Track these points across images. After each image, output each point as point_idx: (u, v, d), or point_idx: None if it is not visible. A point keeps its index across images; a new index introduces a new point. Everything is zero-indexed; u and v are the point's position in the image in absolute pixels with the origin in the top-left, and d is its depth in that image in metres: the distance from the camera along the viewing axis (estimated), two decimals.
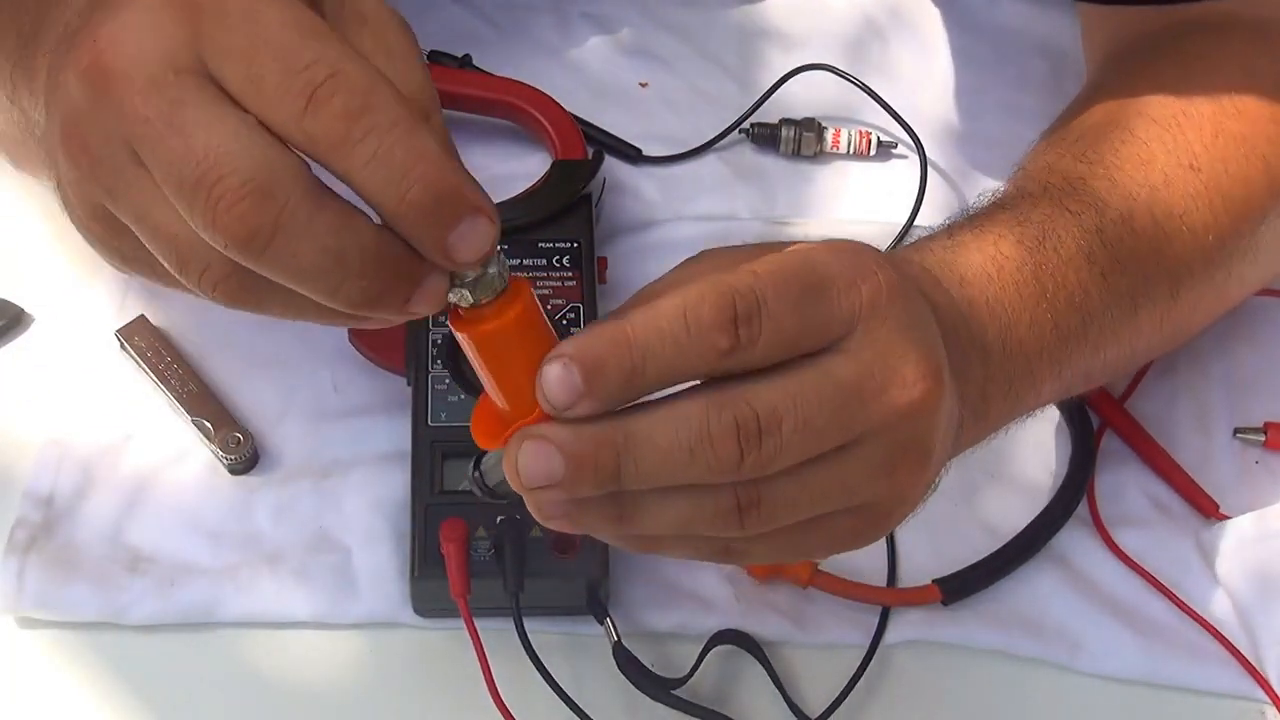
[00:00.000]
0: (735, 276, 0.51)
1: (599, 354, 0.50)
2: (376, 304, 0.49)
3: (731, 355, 0.50)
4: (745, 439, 0.50)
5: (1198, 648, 0.76)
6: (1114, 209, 0.71)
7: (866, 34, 0.98)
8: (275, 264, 0.48)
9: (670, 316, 0.50)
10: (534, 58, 0.95)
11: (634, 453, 0.51)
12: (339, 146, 0.47)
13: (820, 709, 0.72)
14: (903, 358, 0.53)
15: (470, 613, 0.69)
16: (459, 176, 0.48)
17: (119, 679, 0.72)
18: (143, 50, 0.48)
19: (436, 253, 0.48)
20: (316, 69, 0.47)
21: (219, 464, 0.77)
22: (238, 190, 0.47)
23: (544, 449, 0.50)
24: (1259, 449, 0.82)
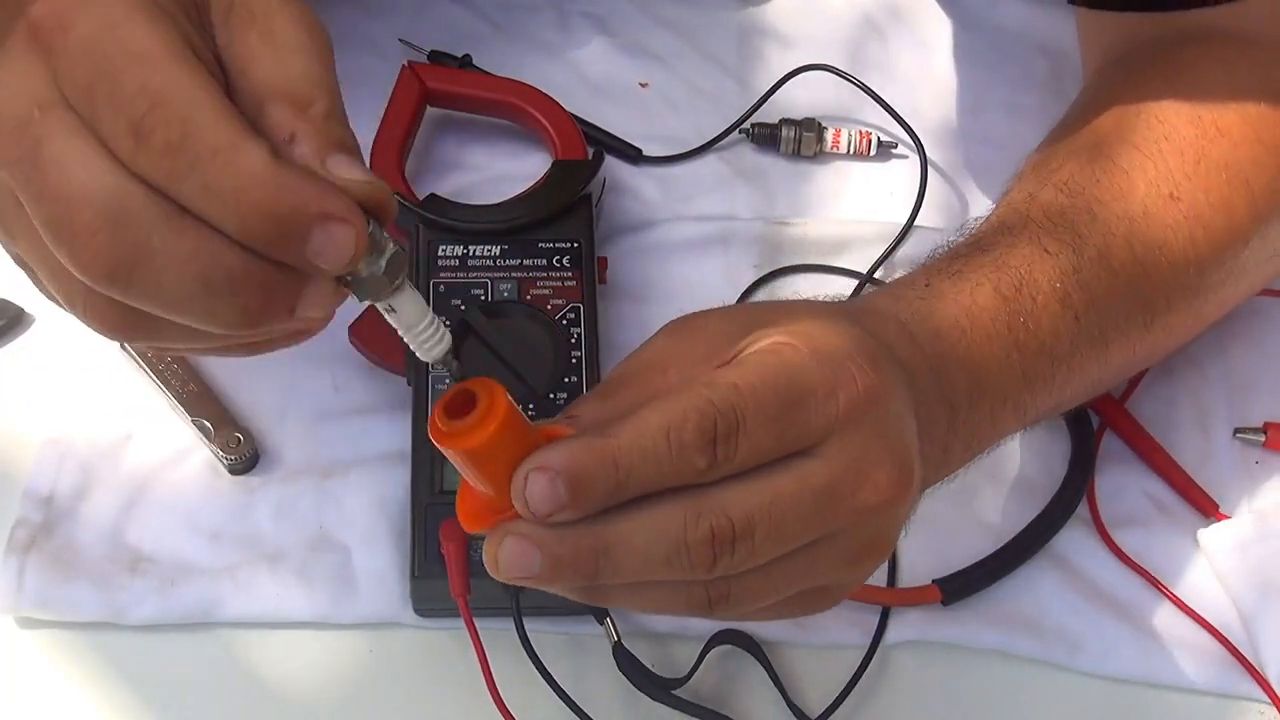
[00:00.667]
0: (718, 394, 0.52)
1: (585, 470, 0.51)
2: (259, 319, 0.48)
3: (708, 472, 0.52)
4: (719, 546, 0.52)
5: (1198, 648, 0.76)
6: (1092, 246, 0.71)
7: (866, 34, 0.98)
8: (142, 295, 0.47)
9: (654, 436, 0.52)
10: (534, 58, 0.95)
11: (612, 557, 0.53)
12: (170, 181, 0.46)
13: (820, 709, 0.72)
14: (876, 463, 0.55)
15: (470, 613, 0.69)
16: (297, 189, 0.47)
17: (119, 679, 0.72)
18: (10, 92, 0.48)
19: (303, 266, 0.48)
20: (138, 101, 0.46)
21: (219, 464, 0.77)
22: (91, 225, 0.46)
23: (525, 547, 0.52)
24: (1259, 449, 0.82)
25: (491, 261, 0.80)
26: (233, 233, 0.47)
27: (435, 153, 0.90)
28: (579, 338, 0.77)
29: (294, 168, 0.47)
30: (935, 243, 0.80)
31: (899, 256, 0.88)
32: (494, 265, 0.80)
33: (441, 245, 0.80)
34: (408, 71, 0.89)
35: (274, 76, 0.49)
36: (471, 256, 0.80)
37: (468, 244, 0.80)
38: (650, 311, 0.85)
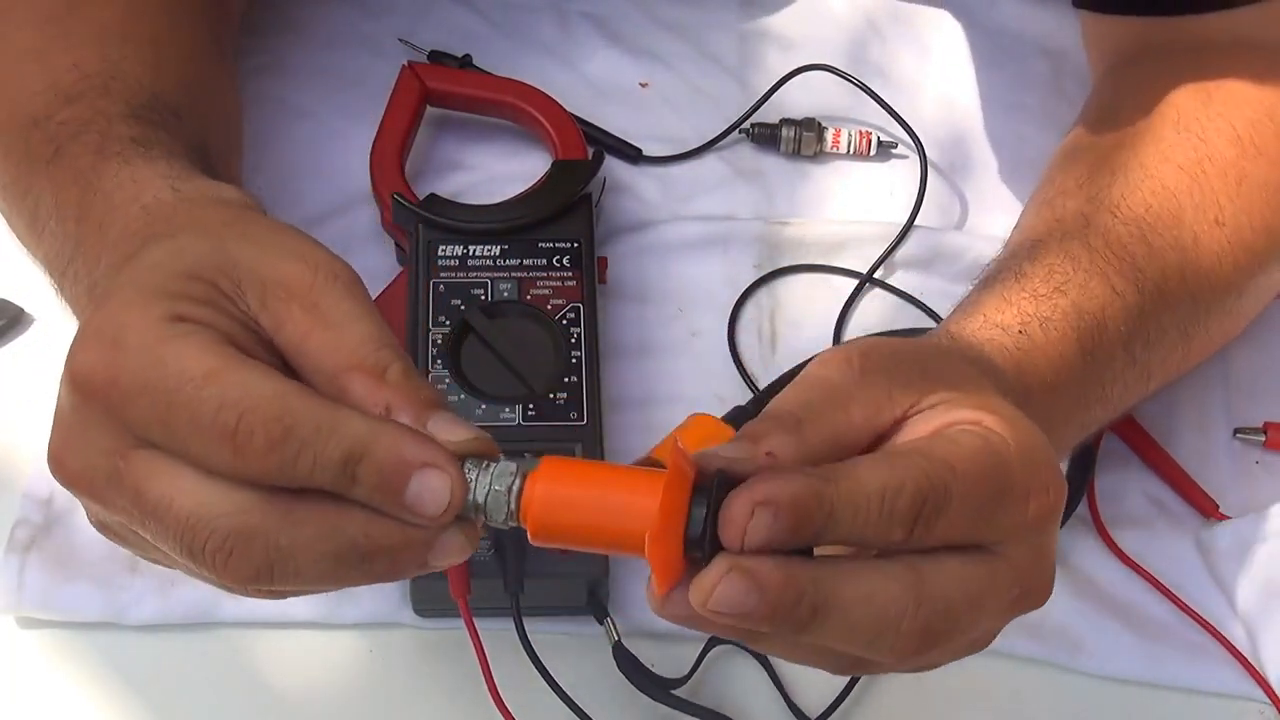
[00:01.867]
0: (934, 471, 0.50)
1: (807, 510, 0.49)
2: (394, 575, 0.51)
3: (900, 544, 0.51)
4: (925, 641, 0.51)
5: (1198, 648, 0.76)
6: (1150, 281, 0.71)
7: (867, 34, 0.98)
8: (286, 586, 0.50)
9: (870, 496, 0.50)
10: (534, 58, 0.95)
11: (826, 617, 0.50)
12: (281, 471, 0.48)
13: (820, 709, 0.72)
14: (1043, 578, 0.55)
15: (470, 613, 0.69)
16: (394, 440, 0.49)
17: (119, 679, 0.72)
18: (88, 450, 0.50)
19: (404, 514, 0.49)
20: (224, 415, 0.48)
21: None
22: (222, 546, 0.49)
23: (747, 585, 0.49)
24: (1259, 449, 0.82)
25: (491, 261, 0.80)
26: (349, 491, 0.49)
27: (435, 153, 0.90)
28: (579, 338, 0.77)
29: (392, 424, 0.49)
30: (936, 244, 0.80)
31: (899, 256, 0.88)
32: (494, 265, 0.79)
33: (441, 245, 0.80)
34: (408, 71, 0.89)
35: (337, 350, 0.51)
36: (471, 256, 0.80)
37: (468, 244, 0.80)
38: (650, 311, 0.85)
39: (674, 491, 0.49)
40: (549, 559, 0.70)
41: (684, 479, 0.50)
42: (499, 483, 0.50)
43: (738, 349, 0.84)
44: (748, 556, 0.49)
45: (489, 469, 0.50)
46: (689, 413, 0.77)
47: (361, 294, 0.53)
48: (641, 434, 0.77)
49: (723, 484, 0.49)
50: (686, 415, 0.77)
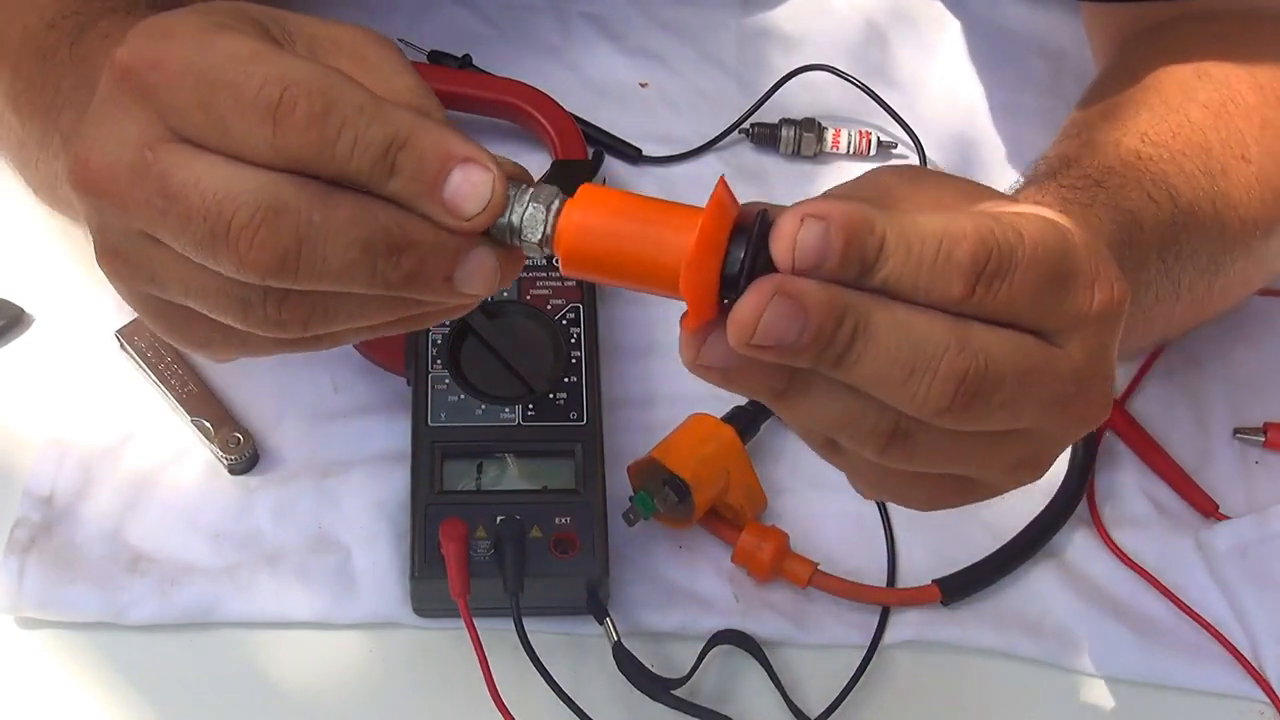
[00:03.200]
0: (1000, 229, 0.48)
1: (858, 230, 0.46)
2: (418, 278, 0.49)
3: (958, 303, 0.48)
4: (966, 388, 0.48)
5: (1198, 648, 0.76)
6: (1184, 198, 0.70)
7: (866, 34, 0.98)
8: (312, 273, 0.48)
9: (926, 239, 0.47)
10: (534, 58, 0.95)
11: (865, 344, 0.47)
12: (320, 151, 0.47)
13: (820, 709, 0.72)
14: (1103, 377, 0.52)
15: (470, 613, 0.69)
16: (439, 133, 0.48)
17: (119, 679, 0.72)
18: (116, 144, 0.50)
19: (442, 213, 0.48)
20: (269, 89, 0.47)
21: (219, 464, 0.77)
22: (249, 223, 0.47)
23: (794, 309, 0.46)
24: (1259, 449, 0.82)
25: None
26: (381, 181, 0.48)
27: None
28: (579, 338, 0.77)
29: (435, 121, 0.49)
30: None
31: None
32: None
33: None
34: None
35: (384, 94, 0.50)
36: None
37: None
38: (650, 312, 0.85)
39: (713, 222, 0.47)
40: (549, 559, 0.71)
41: (725, 213, 0.47)
42: (538, 200, 0.49)
43: None
44: (792, 278, 0.46)
45: (526, 190, 0.49)
46: (689, 413, 0.77)
47: (404, 57, 0.53)
48: (641, 434, 0.77)
49: (764, 225, 0.47)
50: (687, 415, 0.77)
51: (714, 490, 0.75)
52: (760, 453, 0.79)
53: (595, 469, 0.74)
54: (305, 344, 0.52)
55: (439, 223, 0.49)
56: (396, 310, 0.51)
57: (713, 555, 0.76)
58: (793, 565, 0.75)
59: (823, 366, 0.48)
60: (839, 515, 0.79)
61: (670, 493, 0.73)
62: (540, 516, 0.72)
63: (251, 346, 0.53)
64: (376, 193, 0.48)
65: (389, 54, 0.52)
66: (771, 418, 0.81)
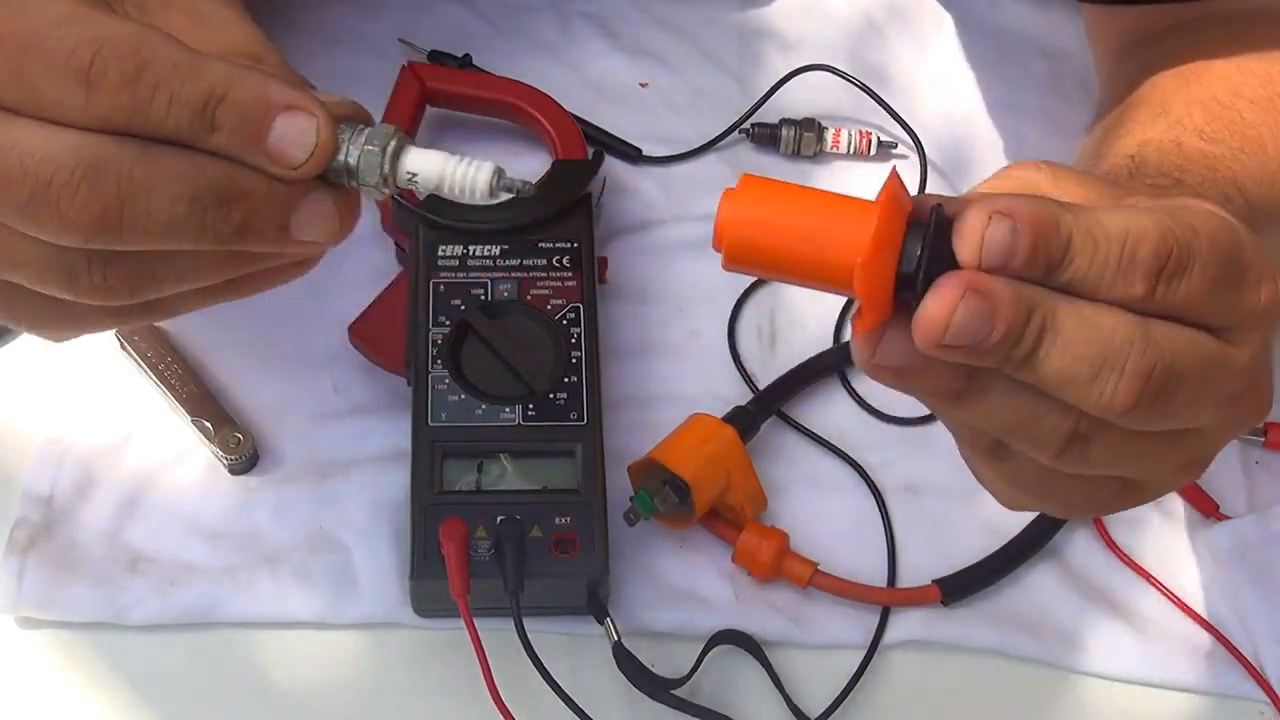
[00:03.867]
0: (1179, 228, 0.47)
1: (1045, 228, 0.46)
2: (250, 230, 0.48)
3: (1139, 302, 0.47)
4: (1150, 386, 0.47)
5: (1198, 648, 0.76)
6: (1252, 195, 0.69)
7: (867, 34, 0.98)
8: (137, 230, 0.47)
9: (1110, 237, 0.46)
10: (534, 58, 0.95)
11: (1053, 342, 0.46)
12: (136, 112, 0.46)
13: (820, 709, 0.72)
14: (1268, 375, 0.51)
15: (470, 613, 0.69)
16: (258, 83, 0.47)
17: (119, 679, 0.72)
18: None
19: (268, 163, 0.48)
20: (80, 52, 0.46)
21: (219, 464, 0.77)
22: (69, 182, 0.46)
23: (984, 310, 0.45)
24: (1259, 449, 0.82)
25: (491, 261, 0.80)
26: (202, 137, 0.47)
27: None
28: (579, 338, 0.77)
29: (256, 70, 0.48)
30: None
31: None
32: (494, 265, 0.79)
33: (441, 245, 0.80)
34: (408, 71, 0.89)
35: (214, 46, 0.49)
36: (471, 256, 0.80)
37: (468, 244, 0.80)
38: (650, 311, 0.85)
39: (889, 218, 0.45)
40: (549, 559, 0.71)
41: (900, 208, 0.45)
42: (373, 142, 0.48)
43: (738, 349, 0.84)
44: (983, 275, 0.45)
45: (362, 131, 0.48)
46: (689, 413, 0.77)
47: (241, 7, 0.52)
48: (641, 434, 0.77)
49: (940, 220, 0.46)
50: (687, 415, 0.77)
51: (714, 490, 0.75)
52: (760, 453, 0.79)
53: (595, 469, 0.74)
54: (137, 313, 0.51)
55: (267, 173, 0.48)
56: (229, 268, 0.50)
57: (713, 555, 0.76)
58: (793, 565, 0.75)
59: (1009, 366, 0.46)
60: (839, 515, 0.79)
61: (670, 493, 0.73)
62: (540, 516, 0.72)
63: (85, 320, 0.52)
64: (200, 149, 0.47)
65: (221, 6, 0.51)
66: (771, 417, 0.81)
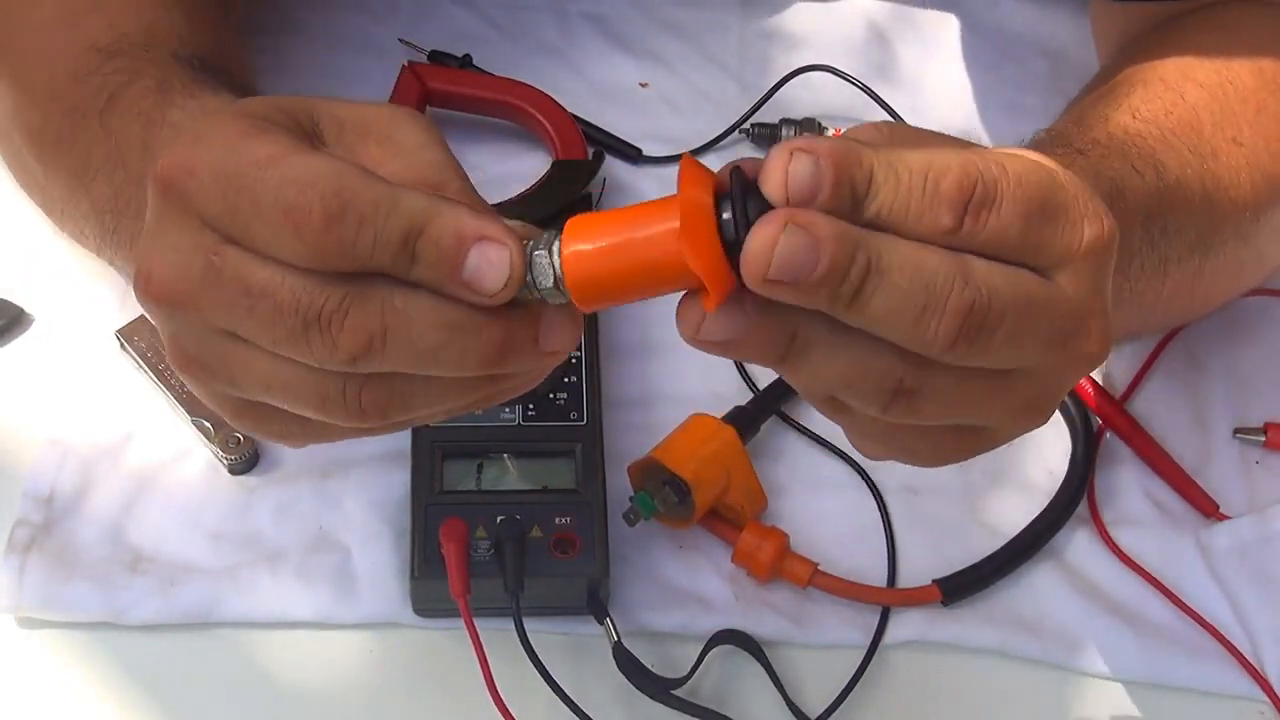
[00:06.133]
0: (983, 163, 0.48)
1: (846, 163, 0.47)
2: (507, 351, 0.50)
3: (948, 236, 0.48)
4: (971, 322, 0.48)
5: (1198, 648, 0.76)
6: (1171, 174, 0.70)
7: (867, 35, 0.98)
8: (399, 352, 0.49)
9: (913, 171, 0.47)
10: (534, 58, 0.95)
11: (878, 282, 0.47)
12: (342, 254, 0.48)
13: (820, 709, 0.72)
14: (1097, 313, 0.51)
15: (470, 613, 0.69)
16: (453, 215, 0.49)
17: (119, 679, 0.72)
18: (179, 252, 0.50)
19: (466, 294, 0.49)
20: (284, 191, 0.48)
21: (219, 464, 0.77)
22: (340, 308, 0.49)
23: (807, 243, 0.46)
24: (1259, 449, 0.82)
25: None
26: (409, 271, 0.48)
27: None
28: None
29: (449, 201, 0.49)
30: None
31: None
32: None
33: None
34: (408, 71, 0.89)
35: (404, 175, 0.51)
36: None
37: None
38: (650, 311, 0.85)
39: (690, 188, 0.46)
40: (549, 559, 0.71)
41: (698, 177, 0.47)
42: (539, 248, 0.49)
43: None
44: (800, 210, 0.46)
45: (529, 243, 0.50)
46: (689, 413, 0.77)
47: (436, 131, 0.53)
48: (641, 434, 0.77)
49: (743, 181, 0.47)
50: (687, 415, 0.77)
51: (714, 490, 0.75)
52: (760, 453, 0.79)
53: (595, 469, 0.74)
54: (381, 430, 0.53)
55: (466, 301, 0.49)
56: (475, 390, 0.52)
57: (713, 555, 0.76)
58: (793, 565, 0.75)
59: (838, 306, 0.47)
60: (839, 515, 0.79)
61: (670, 493, 0.73)
62: (540, 516, 0.72)
63: (331, 434, 0.54)
64: (404, 280, 0.49)
65: (416, 130, 0.53)
66: (771, 417, 0.81)
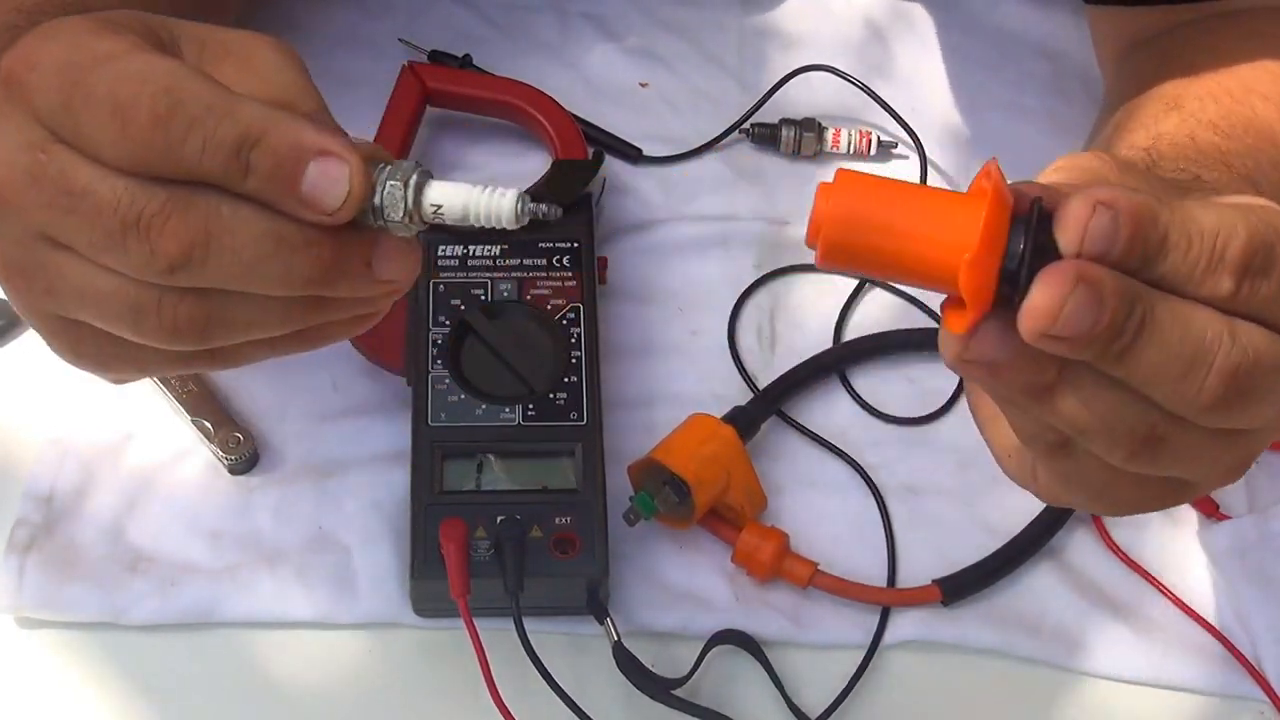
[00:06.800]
0: (1266, 228, 0.47)
1: (1144, 221, 0.45)
2: (335, 273, 0.48)
3: (1226, 300, 0.46)
4: (1236, 382, 0.46)
5: (1198, 648, 0.76)
6: (1266, 192, 0.69)
7: (867, 34, 0.98)
8: (221, 265, 0.47)
9: (1203, 233, 0.46)
10: (534, 58, 0.95)
11: (1150, 336, 0.45)
12: (169, 157, 0.47)
13: (820, 709, 0.72)
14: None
15: (470, 613, 0.69)
16: (292, 126, 0.47)
17: (119, 679, 0.72)
18: (8, 148, 0.49)
19: (302, 209, 0.47)
20: (115, 88, 0.47)
21: (219, 464, 0.77)
22: (160, 211, 0.47)
23: (1095, 298, 0.44)
24: None
25: (491, 261, 0.80)
26: (236, 183, 0.47)
27: (435, 153, 0.90)
28: (579, 338, 0.77)
29: (288, 112, 0.48)
30: None
31: None
32: (494, 265, 0.80)
33: (441, 245, 0.80)
34: (408, 71, 0.89)
35: (258, 96, 0.49)
36: (471, 256, 0.80)
37: (468, 244, 0.80)
38: (650, 311, 0.85)
39: (996, 218, 0.45)
40: (549, 559, 0.71)
41: (1006, 204, 0.45)
42: (395, 178, 0.48)
43: (738, 349, 0.84)
44: (1091, 265, 0.44)
45: (384, 169, 0.48)
46: (689, 413, 0.77)
47: (296, 58, 0.52)
48: (641, 434, 0.77)
49: (1042, 216, 0.45)
50: (687, 415, 0.77)
51: (714, 490, 0.75)
52: (760, 453, 0.79)
53: (595, 469, 0.74)
54: (199, 359, 0.52)
55: (300, 219, 0.48)
56: (299, 316, 0.50)
57: (713, 555, 0.76)
58: (793, 565, 0.75)
59: (1105, 360, 0.46)
60: (839, 515, 0.79)
61: (670, 493, 0.73)
62: (540, 516, 0.72)
63: (149, 363, 0.52)
64: (235, 192, 0.47)
65: (275, 53, 0.51)
66: (771, 417, 0.81)
